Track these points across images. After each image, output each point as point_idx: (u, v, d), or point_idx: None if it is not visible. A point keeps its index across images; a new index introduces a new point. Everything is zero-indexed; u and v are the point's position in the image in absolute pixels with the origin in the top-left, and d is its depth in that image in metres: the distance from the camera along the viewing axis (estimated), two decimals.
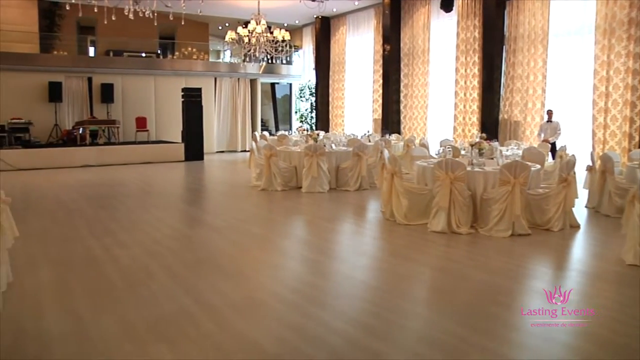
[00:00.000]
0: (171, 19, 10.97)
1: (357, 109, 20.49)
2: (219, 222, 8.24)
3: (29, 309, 4.47)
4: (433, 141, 14.69)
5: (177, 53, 22.24)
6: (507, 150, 10.84)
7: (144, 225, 7.92)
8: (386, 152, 9.11)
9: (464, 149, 10.56)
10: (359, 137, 14.64)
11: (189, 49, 22.18)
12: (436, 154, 9.21)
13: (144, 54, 21.38)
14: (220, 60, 25.76)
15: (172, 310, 4.44)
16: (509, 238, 7.01)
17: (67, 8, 10.25)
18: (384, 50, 18.33)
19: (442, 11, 16.03)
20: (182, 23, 11.54)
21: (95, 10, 10.32)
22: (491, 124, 14.98)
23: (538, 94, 13.97)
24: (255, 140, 13.92)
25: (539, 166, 8.51)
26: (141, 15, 10.55)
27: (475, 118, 15.60)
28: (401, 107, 18.23)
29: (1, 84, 17.54)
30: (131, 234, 7.28)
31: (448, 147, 9.36)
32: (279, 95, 25.20)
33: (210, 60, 23.53)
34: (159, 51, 22.36)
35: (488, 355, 3.67)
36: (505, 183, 7.30)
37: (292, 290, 5.05)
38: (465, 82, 15.77)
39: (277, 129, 23.65)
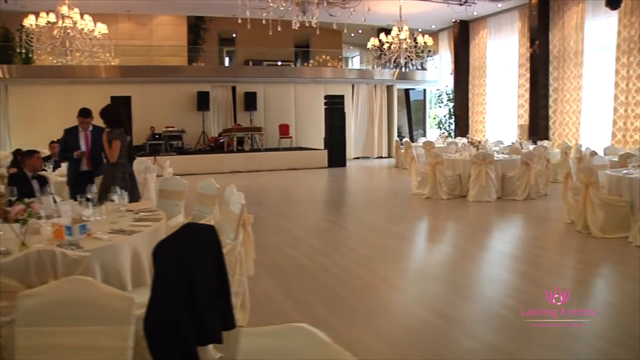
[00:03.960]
0: (334, 27, 11.06)
1: (499, 115, 19.75)
2: (404, 231, 8.15)
3: (276, 318, 4.53)
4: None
5: (311, 61, 22.62)
6: None
7: (330, 232, 8.00)
8: (570, 161, 8.66)
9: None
10: (510, 144, 14.12)
11: (323, 56, 22.48)
12: (632, 165, 8.58)
13: (279, 63, 21.94)
14: (350, 67, 25.98)
15: (416, 322, 4.36)
16: None
17: (243, 21, 10.53)
18: (531, 53, 17.55)
19: (597, 10, 15.12)
20: (345, 31, 11.61)
21: (268, 22, 10.58)
22: None
23: None
24: (409, 147, 13.70)
25: None
26: (307, 25, 10.71)
27: (638, 123, 14.51)
28: (550, 113, 17.36)
29: (157, 94, 18.61)
30: (323, 241, 7.35)
31: None
32: (412, 101, 24.90)
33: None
34: (297, 60, 22.87)
35: None
36: None
37: (530, 307, 4.77)
38: (627, 85, 14.70)
39: (411, 135, 23.37)
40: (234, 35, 22.43)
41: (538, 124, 17.36)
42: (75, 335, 2.10)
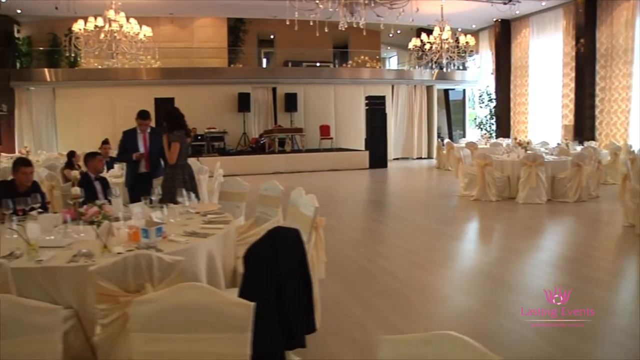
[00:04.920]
0: (382, 28, 11.02)
1: (542, 115, 19.41)
2: (458, 233, 8.12)
3: (346, 321, 4.51)
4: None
5: (350, 62, 22.57)
6: None
7: (385, 234, 7.99)
8: (628, 163, 8.44)
9: None
10: (556, 145, 13.88)
11: (362, 57, 22.40)
12: None
13: (318, 64, 21.92)
14: (387, 67, 25.88)
15: (491, 326, 4.30)
16: None
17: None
18: (577, 51, 17.21)
19: None
20: (392, 32, 11.57)
21: (306, 23, 10.58)
22: None
23: None
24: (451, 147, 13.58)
25: None
26: (355, 26, 10.70)
27: None
28: (596, 112, 17.00)
29: (198, 96, 18.78)
30: (380, 243, 7.34)
31: None
32: (451, 101, 24.67)
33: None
34: (335, 61, 22.85)
35: None
36: None
37: (608, 312, 4.66)
38: None
39: (450, 136, 23.17)
40: (272, 36, 22.54)
41: (584, 124, 17.04)
42: (192, 342, 2.11)
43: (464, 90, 24.02)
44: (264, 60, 23.50)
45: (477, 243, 7.62)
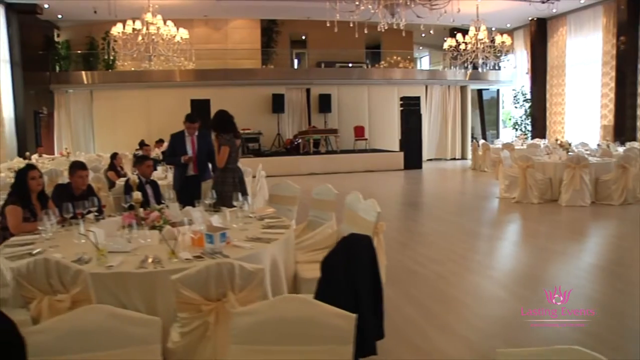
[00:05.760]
0: (422, 28, 10.95)
1: (580, 115, 19.09)
2: (505, 236, 8.10)
3: (407, 327, 4.47)
4: None
5: (382, 62, 22.46)
6: None
7: (431, 237, 7.92)
8: None
9: None
10: (597, 146, 13.63)
11: (394, 57, 22.28)
12: None
13: (350, 64, 21.87)
14: (419, 67, 25.71)
15: (553, 334, 4.20)
16: None
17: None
18: (617, 50, 16.88)
19: None
20: (430, 31, 11.51)
21: (351, 25, 10.57)
22: None
23: None
24: (486, 148, 13.39)
25: None
26: (395, 27, 10.65)
27: None
28: (638, 112, 16.65)
29: (233, 97, 18.83)
30: (427, 247, 7.28)
31: None
32: (484, 101, 24.44)
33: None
34: (367, 61, 22.78)
35: None
36: None
37: None
38: None
39: (484, 136, 22.94)
40: (303, 37, 22.56)
41: (625, 125, 16.71)
42: (292, 355, 2.10)
43: (498, 90, 23.76)
44: (295, 61, 23.56)
45: (526, 246, 7.50)
